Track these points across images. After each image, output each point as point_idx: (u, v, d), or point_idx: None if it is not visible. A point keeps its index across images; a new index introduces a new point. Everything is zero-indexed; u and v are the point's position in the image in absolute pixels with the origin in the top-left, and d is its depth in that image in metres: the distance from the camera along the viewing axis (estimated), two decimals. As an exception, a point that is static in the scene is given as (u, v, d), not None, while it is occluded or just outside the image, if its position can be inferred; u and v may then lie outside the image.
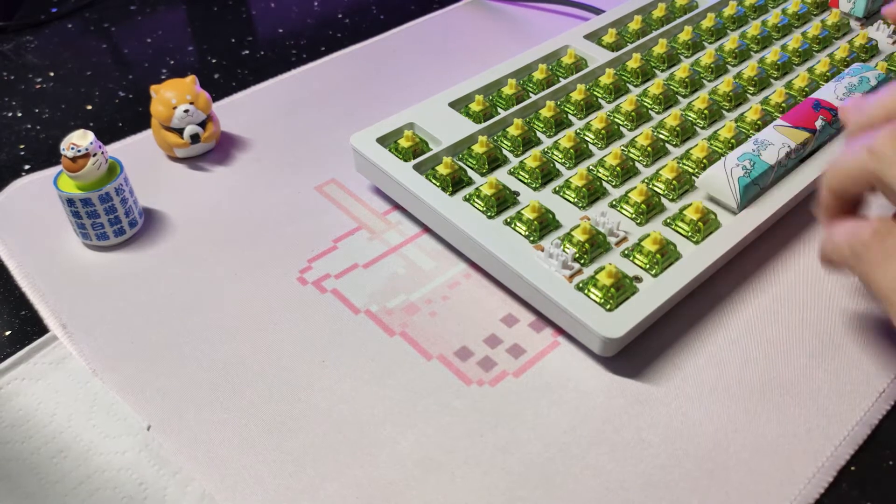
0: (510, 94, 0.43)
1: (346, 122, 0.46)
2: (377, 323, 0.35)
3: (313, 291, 0.36)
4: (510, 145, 0.40)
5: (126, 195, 0.38)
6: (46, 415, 0.31)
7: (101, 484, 0.29)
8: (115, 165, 0.38)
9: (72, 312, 0.35)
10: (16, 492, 0.29)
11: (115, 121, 0.48)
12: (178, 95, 0.42)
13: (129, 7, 0.60)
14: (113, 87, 0.51)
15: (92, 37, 0.57)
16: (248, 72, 0.52)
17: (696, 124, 0.42)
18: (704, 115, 0.42)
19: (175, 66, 0.53)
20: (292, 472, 0.29)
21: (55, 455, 0.30)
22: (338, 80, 0.50)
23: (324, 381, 0.32)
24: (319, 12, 0.59)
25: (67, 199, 0.36)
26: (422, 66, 0.52)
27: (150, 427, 0.31)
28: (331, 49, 0.54)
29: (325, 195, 0.42)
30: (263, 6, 0.60)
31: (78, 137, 0.36)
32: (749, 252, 0.37)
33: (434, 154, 0.39)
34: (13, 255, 0.38)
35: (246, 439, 0.30)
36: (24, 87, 0.51)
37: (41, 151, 0.46)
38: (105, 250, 0.38)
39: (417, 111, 0.42)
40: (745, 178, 0.36)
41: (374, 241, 0.39)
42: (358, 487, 0.29)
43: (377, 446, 0.30)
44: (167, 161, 0.44)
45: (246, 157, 0.44)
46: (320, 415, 0.31)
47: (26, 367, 0.33)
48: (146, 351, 0.34)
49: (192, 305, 0.36)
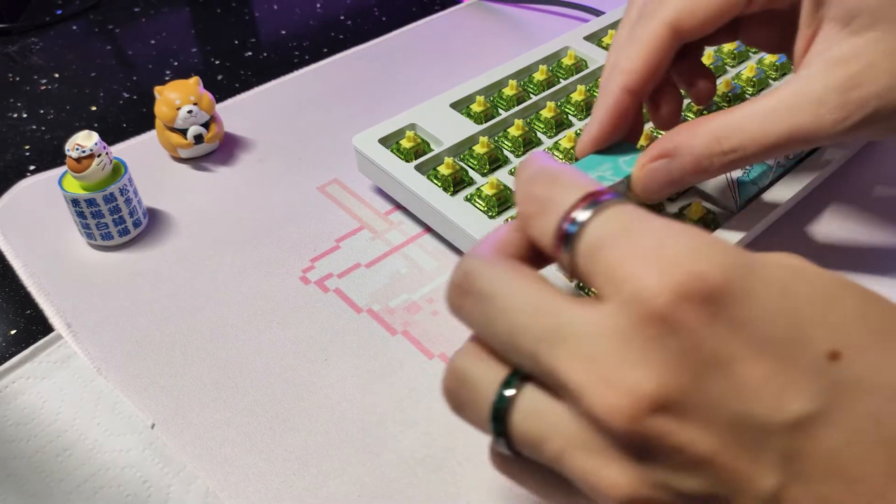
0: (511, 95, 0.43)
1: (348, 123, 0.47)
2: (379, 322, 0.35)
3: (316, 291, 0.37)
4: (511, 146, 0.41)
5: (130, 195, 0.38)
6: (51, 413, 0.31)
7: (105, 482, 0.29)
8: (119, 166, 0.38)
9: (76, 312, 0.36)
10: (20, 490, 0.29)
11: (119, 122, 0.48)
12: (181, 96, 0.42)
13: (133, 9, 0.60)
14: (117, 89, 0.52)
15: (96, 38, 0.57)
16: (251, 73, 0.52)
17: (697, 125, 0.42)
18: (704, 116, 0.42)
19: (179, 68, 0.54)
20: (295, 469, 0.29)
21: (60, 453, 0.30)
22: (340, 81, 0.51)
23: (326, 380, 0.33)
24: (322, 14, 0.59)
25: (72, 200, 0.37)
26: (423, 67, 0.52)
27: (154, 425, 0.31)
28: (333, 50, 0.54)
29: (327, 195, 0.42)
30: (266, 8, 0.60)
31: (82, 138, 0.36)
32: (749, 252, 0.37)
33: (435, 154, 0.39)
34: (18, 255, 0.39)
35: (249, 437, 0.31)
36: (30, 88, 0.52)
37: (46, 152, 0.46)
38: (109, 250, 0.39)
39: (419, 112, 0.42)
40: (744, 179, 0.36)
41: (376, 240, 0.39)
42: (360, 485, 0.29)
43: (379, 444, 0.30)
44: (171, 162, 0.44)
45: (249, 158, 0.45)
46: (323, 413, 0.31)
47: (31, 366, 0.33)
48: (150, 350, 0.34)
49: (195, 304, 0.36)
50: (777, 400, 0.18)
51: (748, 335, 0.18)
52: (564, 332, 0.19)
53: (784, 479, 0.18)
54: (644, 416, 0.18)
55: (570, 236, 0.21)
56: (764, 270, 0.19)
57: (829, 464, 0.18)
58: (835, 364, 0.18)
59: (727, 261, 0.18)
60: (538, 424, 0.20)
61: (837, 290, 0.19)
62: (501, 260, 0.22)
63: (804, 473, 0.18)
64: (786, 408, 0.18)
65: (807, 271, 0.19)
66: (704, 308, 0.18)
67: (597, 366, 0.19)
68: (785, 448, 0.18)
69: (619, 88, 0.30)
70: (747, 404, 0.18)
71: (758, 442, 0.18)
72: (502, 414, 0.21)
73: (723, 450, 0.18)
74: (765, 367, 0.18)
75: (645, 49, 0.30)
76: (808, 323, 0.18)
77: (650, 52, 0.30)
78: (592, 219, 0.20)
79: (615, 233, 0.20)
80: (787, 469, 0.18)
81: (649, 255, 0.19)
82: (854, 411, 0.18)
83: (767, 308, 0.18)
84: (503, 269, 0.21)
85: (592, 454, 0.19)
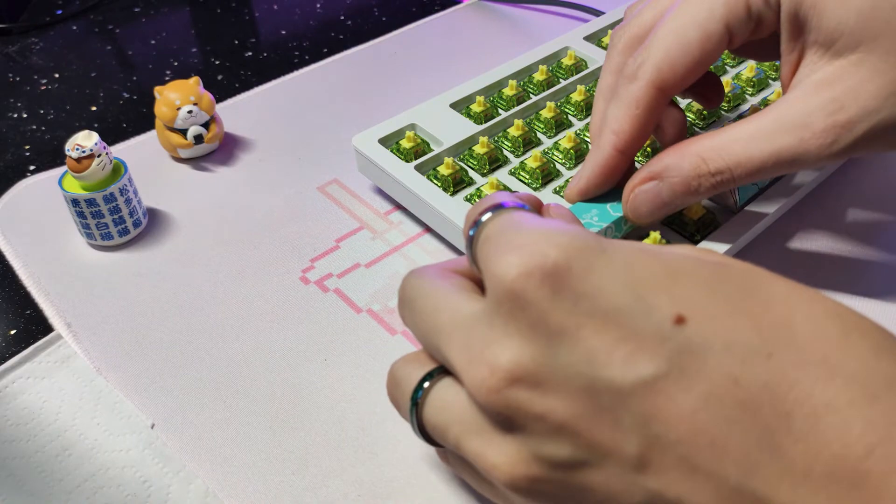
0: (511, 96, 0.43)
1: (348, 123, 0.47)
2: (379, 322, 0.35)
3: (316, 290, 0.37)
4: (511, 146, 0.41)
5: (130, 195, 0.38)
6: (51, 413, 0.31)
7: (105, 482, 0.29)
8: (119, 166, 0.38)
9: (76, 311, 0.36)
10: (20, 489, 0.29)
11: (119, 122, 0.49)
12: (181, 97, 0.42)
13: (133, 9, 0.60)
14: (117, 89, 0.52)
15: (96, 38, 0.57)
16: (251, 73, 0.52)
17: (696, 125, 0.42)
18: (703, 116, 0.42)
19: (179, 68, 0.54)
20: (295, 469, 0.29)
21: (59, 453, 0.30)
22: (340, 81, 0.51)
23: (326, 380, 0.33)
24: (322, 14, 0.59)
25: (72, 200, 0.37)
26: (423, 67, 0.52)
27: (153, 425, 0.31)
28: (333, 50, 0.54)
29: (327, 195, 0.42)
30: (266, 8, 0.60)
31: (82, 138, 0.36)
32: (748, 252, 0.37)
33: (435, 155, 0.39)
34: (18, 255, 0.39)
35: (249, 437, 0.31)
36: (30, 88, 0.52)
37: (46, 152, 0.46)
38: (109, 250, 0.39)
39: (419, 112, 0.42)
40: (744, 179, 0.36)
41: (375, 240, 0.39)
42: (360, 485, 0.29)
43: (379, 444, 0.30)
44: (171, 162, 0.44)
45: (249, 158, 0.45)
46: (322, 413, 0.31)
47: (31, 366, 0.33)
48: (150, 350, 0.34)
49: (195, 304, 0.36)
50: (625, 364, 0.19)
51: (591, 306, 0.19)
52: (456, 323, 0.22)
53: (645, 442, 0.19)
54: (504, 387, 0.20)
55: (472, 238, 0.23)
56: (610, 250, 0.20)
57: (688, 426, 0.18)
58: (681, 328, 0.19)
59: (571, 242, 0.20)
60: (443, 414, 0.22)
61: (685, 264, 0.20)
62: (431, 270, 0.24)
63: (665, 437, 0.19)
64: (634, 371, 0.19)
65: (654, 249, 0.21)
66: (547, 284, 0.19)
67: (470, 347, 0.21)
68: (640, 411, 0.19)
69: (610, 147, 0.31)
70: (598, 370, 0.19)
71: (613, 406, 0.19)
72: (417, 406, 0.23)
73: (581, 415, 0.19)
74: (611, 335, 0.19)
75: (633, 111, 0.30)
76: (653, 292, 0.19)
77: (639, 115, 0.30)
78: (487, 221, 0.23)
79: (496, 230, 0.22)
80: (646, 432, 0.19)
81: (511, 244, 0.21)
82: (705, 373, 0.18)
83: (609, 281, 0.20)
84: (425, 278, 0.24)
85: (479, 436, 0.21)
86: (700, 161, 0.29)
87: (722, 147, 0.29)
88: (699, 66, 0.29)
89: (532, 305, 0.20)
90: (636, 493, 0.19)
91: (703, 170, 0.29)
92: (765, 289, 0.20)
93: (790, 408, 0.18)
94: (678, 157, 0.29)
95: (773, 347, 0.18)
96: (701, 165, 0.29)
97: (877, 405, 0.17)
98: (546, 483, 0.20)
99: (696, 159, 0.29)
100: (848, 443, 0.17)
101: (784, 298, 0.19)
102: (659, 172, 0.30)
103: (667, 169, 0.30)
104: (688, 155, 0.29)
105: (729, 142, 0.28)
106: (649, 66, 0.29)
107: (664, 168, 0.30)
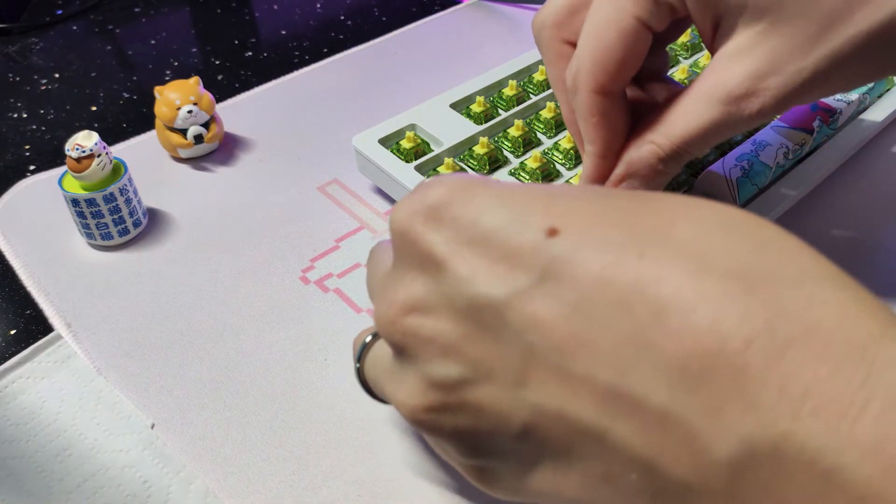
0: (511, 96, 0.43)
1: (348, 123, 0.47)
2: (379, 322, 0.35)
3: (316, 290, 0.37)
4: (511, 146, 0.41)
5: (130, 195, 0.38)
6: (51, 413, 0.31)
7: (105, 482, 0.29)
8: (119, 166, 0.38)
9: (76, 311, 0.36)
10: (20, 489, 0.29)
11: (119, 122, 0.49)
12: (181, 96, 0.42)
13: (133, 9, 0.60)
14: (117, 89, 0.52)
15: (97, 38, 0.57)
16: (251, 73, 0.52)
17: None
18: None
19: (179, 68, 0.54)
20: (295, 469, 0.29)
21: (59, 453, 0.30)
22: (340, 81, 0.51)
23: (326, 380, 0.33)
24: (322, 14, 0.59)
25: (72, 200, 0.37)
26: (423, 67, 0.52)
27: (153, 425, 0.31)
28: (333, 51, 0.54)
29: (327, 195, 0.42)
30: (266, 8, 0.60)
31: (82, 138, 0.36)
32: (748, 252, 0.37)
33: (435, 155, 0.39)
34: (18, 255, 0.39)
35: (249, 437, 0.31)
36: (30, 88, 0.52)
37: (46, 152, 0.46)
38: (109, 250, 0.39)
39: (419, 112, 0.42)
40: (743, 179, 0.36)
41: (375, 240, 0.39)
42: (360, 485, 0.29)
43: (379, 444, 0.30)
44: (171, 161, 0.44)
45: (249, 158, 0.45)
46: (322, 413, 0.31)
47: (31, 366, 0.33)
48: (150, 349, 0.34)
49: (195, 304, 0.36)
50: (500, 278, 0.19)
51: (470, 231, 0.20)
52: (377, 278, 0.24)
53: (523, 354, 0.19)
54: (398, 317, 0.21)
55: None
56: (493, 182, 0.21)
57: (561, 332, 0.18)
58: (553, 240, 0.19)
59: (454, 182, 0.21)
60: (375, 368, 0.24)
61: (572, 189, 0.21)
62: (385, 241, 0.26)
63: (539, 345, 0.19)
64: (508, 283, 0.19)
65: (531, 183, 0.22)
66: (429, 219, 0.21)
67: (380, 292, 0.23)
68: (516, 322, 0.19)
69: (592, 156, 0.32)
70: (476, 288, 0.20)
71: (494, 322, 0.19)
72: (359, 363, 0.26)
73: (465, 334, 0.20)
74: (489, 255, 0.20)
75: (591, 121, 0.30)
76: (528, 212, 0.20)
77: (598, 122, 0.30)
78: None
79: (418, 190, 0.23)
80: (523, 343, 0.19)
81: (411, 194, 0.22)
82: (577, 277, 0.18)
83: (488, 207, 0.20)
84: (375, 248, 0.26)
85: (392, 379, 0.23)
86: (654, 147, 0.29)
87: (666, 129, 0.29)
88: (630, 60, 0.29)
89: (418, 240, 0.21)
90: (522, 409, 0.19)
91: (660, 154, 0.29)
92: (655, 202, 0.20)
93: (662, 304, 0.17)
94: (636, 149, 0.30)
95: (645, 248, 0.18)
96: (656, 150, 0.29)
97: (754, 298, 0.17)
98: (442, 412, 0.21)
99: (651, 146, 0.30)
100: (723, 336, 0.16)
101: (672, 207, 0.19)
102: (625, 172, 0.31)
103: (630, 164, 0.30)
104: (643, 144, 0.30)
105: (671, 122, 0.29)
106: (584, 74, 0.29)
107: (628, 165, 0.30)
